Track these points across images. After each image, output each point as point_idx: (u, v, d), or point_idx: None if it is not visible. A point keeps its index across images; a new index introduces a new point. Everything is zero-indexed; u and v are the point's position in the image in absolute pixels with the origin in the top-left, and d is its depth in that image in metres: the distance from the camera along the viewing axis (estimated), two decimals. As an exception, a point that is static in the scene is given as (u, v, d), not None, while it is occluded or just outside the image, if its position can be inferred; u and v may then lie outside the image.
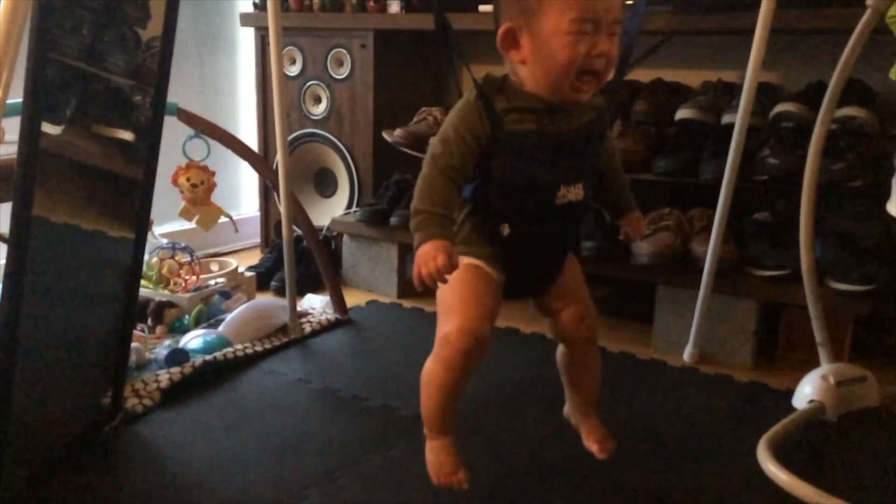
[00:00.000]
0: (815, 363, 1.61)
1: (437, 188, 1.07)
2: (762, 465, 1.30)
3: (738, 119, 1.64)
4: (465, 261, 1.11)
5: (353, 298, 2.20)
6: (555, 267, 1.20)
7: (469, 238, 1.13)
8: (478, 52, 2.67)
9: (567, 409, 1.36)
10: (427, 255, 1.02)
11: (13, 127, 1.05)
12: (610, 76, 1.09)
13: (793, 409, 1.52)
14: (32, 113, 1.07)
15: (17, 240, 1.06)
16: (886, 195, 1.23)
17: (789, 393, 1.59)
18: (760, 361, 1.82)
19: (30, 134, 1.07)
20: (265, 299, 2.13)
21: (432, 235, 1.03)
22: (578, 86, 1.04)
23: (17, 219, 1.06)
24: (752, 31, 1.61)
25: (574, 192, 1.12)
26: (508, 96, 1.08)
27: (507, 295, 1.17)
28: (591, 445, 1.27)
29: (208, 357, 1.68)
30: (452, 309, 1.11)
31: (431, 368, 1.14)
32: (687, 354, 1.82)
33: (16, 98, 1.13)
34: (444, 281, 1.03)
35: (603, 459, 1.25)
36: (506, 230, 1.11)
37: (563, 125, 1.09)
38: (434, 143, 1.10)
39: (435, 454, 1.17)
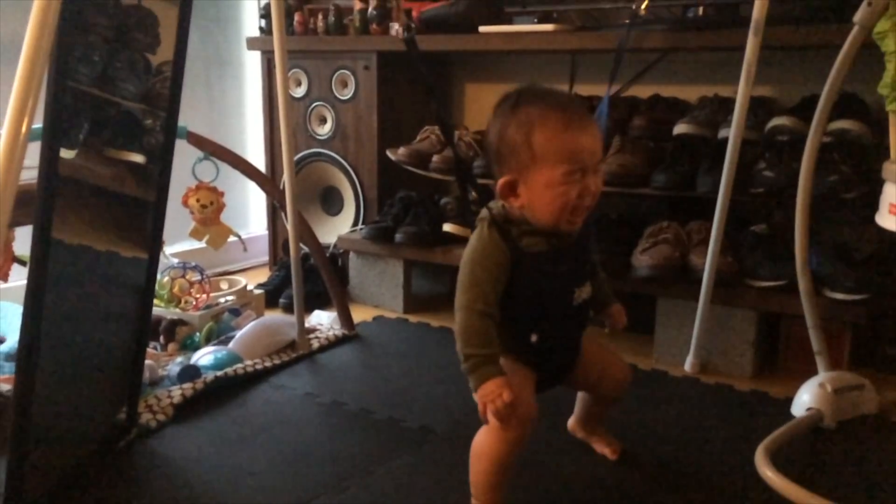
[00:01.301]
0: (815, 372, 1.63)
1: (481, 330, 1.14)
2: (760, 471, 1.33)
3: (732, 134, 1.68)
4: (503, 359, 1.17)
5: (359, 314, 2.24)
6: (576, 355, 1.30)
7: (502, 348, 1.19)
8: (478, 71, 2.74)
9: (573, 424, 1.47)
10: (492, 393, 1.09)
11: (31, 151, 1.09)
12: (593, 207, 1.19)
13: (792, 417, 1.55)
14: (52, 139, 1.11)
15: (38, 261, 1.10)
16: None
17: (789, 401, 1.61)
18: (761, 370, 1.85)
19: (49, 159, 1.11)
20: (274, 316, 2.16)
21: (491, 374, 1.11)
22: (572, 220, 1.16)
23: (39, 241, 1.10)
24: (745, 48, 1.65)
25: (585, 291, 1.24)
26: (517, 225, 1.18)
27: (539, 390, 1.24)
28: (604, 450, 1.43)
29: (219, 373, 1.72)
30: None
31: (485, 443, 1.19)
32: (688, 365, 1.85)
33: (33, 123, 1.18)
34: (510, 416, 1.10)
35: (615, 459, 1.41)
36: (534, 337, 1.20)
37: (564, 240, 1.20)
38: (464, 286, 1.16)
39: None
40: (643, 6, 1.75)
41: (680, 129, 1.99)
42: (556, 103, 1.16)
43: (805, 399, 1.56)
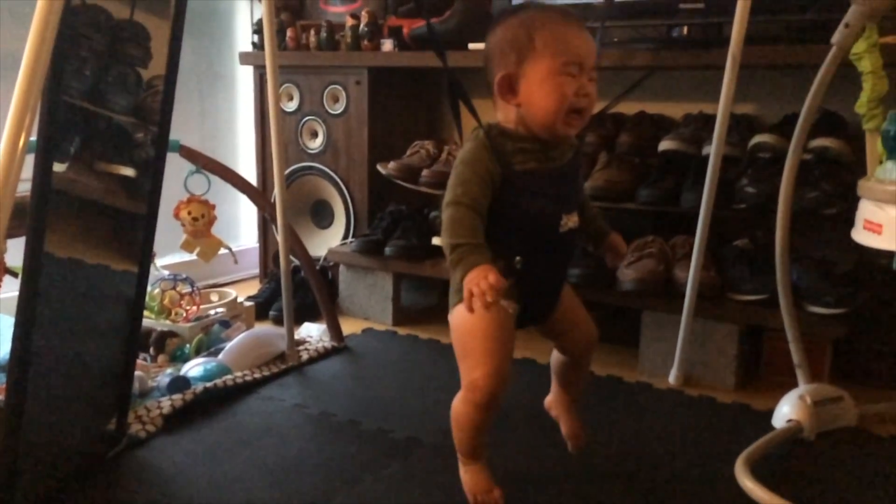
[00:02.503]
0: (796, 384, 1.66)
1: (467, 221, 1.13)
2: (740, 481, 1.35)
3: (713, 150, 1.71)
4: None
5: (349, 326, 2.26)
6: (559, 291, 1.31)
7: None
8: (467, 87, 2.75)
9: (549, 401, 1.48)
10: (477, 276, 1.07)
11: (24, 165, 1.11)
12: (590, 114, 1.20)
13: (773, 429, 1.57)
14: (46, 152, 1.13)
15: (30, 274, 1.12)
16: (857, 223, 1.30)
17: (770, 413, 1.63)
18: (743, 383, 1.88)
19: (43, 172, 1.13)
20: (264, 328, 2.18)
21: (477, 262, 1.09)
22: (569, 121, 1.17)
23: (31, 253, 1.12)
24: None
25: (573, 220, 1.24)
26: (511, 140, 1.19)
27: (519, 325, 1.26)
28: (568, 437, 1.43)
29: (209, 384, 1.73)
30: (475, 352, 1.19)
31: (461, 410, 1.22)
32: (672, 377, 1.88)
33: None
34: (497, 300, 1.07)
35: (574, 452, 1.43)
36: (519, 263, 1.20)
37: (556, 161, 1.21)
38: (452, 185, 1.17)
39: (470, 475, 1.27)
40: None
41: (665, 145, 2.03)
42: (558, 8, 1.21)
43: (785, 411, 1.59)
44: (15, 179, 1.07)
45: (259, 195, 2.22)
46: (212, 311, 2.12)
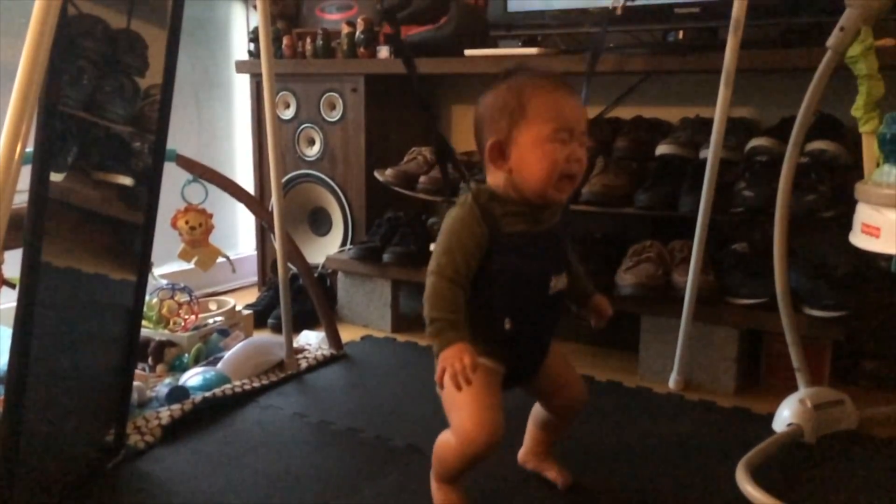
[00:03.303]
0: (796, 388, 1.66)
1: (448, 296, 1.15)
2: (741, 486, 1.35)
3: (710, 154, 1.71)
4: None
5: (348, 334, 2.26)
6: (545, 352, 1.30)
7: (473, 339, 1.17)
8: (464, 93, 2.77)
9: (523, 455, 1.45)
10: (452, 356, 1.09)
11: (20, 175, 1.10)
12: (579, 180, 1.21)
13: (773, 433, 1.57)
14: (42, 163, 1.13)
15: (28, 284, 1.12)
16: (856, 225, 1.30)
17: (771, 417, 1.63)
18: (743, 387, 1.88)
19: (39, 182, 1.13)
20: (262, 336, 2.18)
21: (453, 340, 1.11)
22: (560, 187, 1.17)
23: (28, 264, 1.12)
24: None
25: (561, 281, 1.24)
26: (500, 203, 1.19)
27: (505, 385, 1.25)
28: (556, 478, 1.40)
29: (207, 394, 1.72)
30: (467, 405, 1.17)
31: (450, 455, 1.21)
32: (672, 382, 1.87)
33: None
34: (469, 381, 1.09)
35: (566, 486, 1.39)
36: (508, 324, 1.20)
37: (545, 223, 1.22)
38: (437, 252, 1.18)
39: (444, 494, 1.27)
40: (619, 6, 1.79)
41: (662, 149, 2.03)
42: (548, 75, 1.22)
43: (786, 415, 1.58)
44: (11, 190, 1.06)
45: (256, 203, 2.22)
46: (210, 320, 2.12)
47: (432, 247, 2.22)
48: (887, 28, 1.67)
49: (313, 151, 2.58)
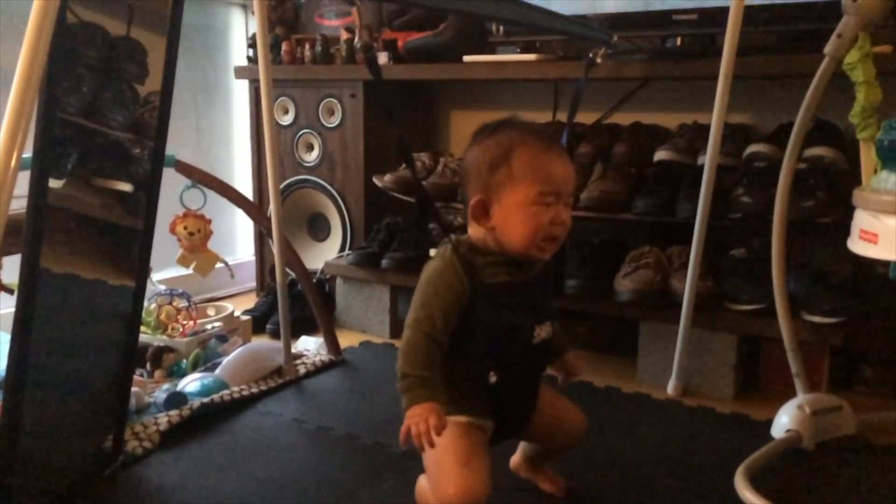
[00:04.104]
0: (794, 394, 1.66)
1: (423, 352, 1.12)
2: (739, 492, 1.35)
3: (707, 161, 1.72)
4: (453, 420, 1.15)
5: (346, 339, 2.25)
6: (534, 404, 1.27)
7: (455, 396, 1.17)
8: (463, 99, 2.77)
9: (516, 462, 1.43)
10: (418, 415, 1.07)
11: (19, 181, 1.11)
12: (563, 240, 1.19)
13: (772, 439, 1.57)
14: (41, 169, 1.13)
15: (26, 290, 1.12)
16: (853, 232, 1.30)
17: (769, 423, 1.63)
18: (742, 393, 1.88)
19: (38, 189, 1.13)
20: (261, 342, 2.17)
21: (421, 398, 1.09)
22: (543, 247, 1.16)
23: (27, 270, 1.12)
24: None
25: (545, 331, 1.22)
26: (481, 255, 1.17)
27: (495, 440, 1.23)
28: (551, 488, 1.40)
29: (206, 400, 1.72)
30: (448, 469, 1.13)
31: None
32: (671, 388, 1.88)
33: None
34: (432, 444, 1.06)
35: (561, 496, 1.38)
36: (493, 378, 1.17)
37: (527, 274, 1.19)
38: (415, 306, 1.15)
39: None
40: (599, 55, 1.81)
41: (660, 155, 2.03)
42: (537, 130, 1.19)
43: (784, 421, 1.58)
44: (9, 196, 1.06)
45: (255, 209, 2.22)
46: (208, 326, 2.12)
47: (433, 252, 2.24)
48: (885, 35, 1.68)
49: (312, 157, 2.58)
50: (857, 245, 1.29)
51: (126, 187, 1.41)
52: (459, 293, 1.14)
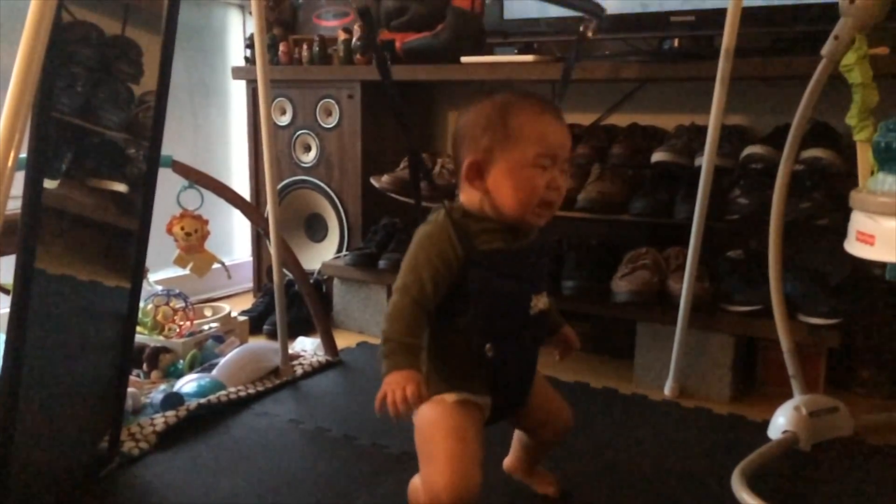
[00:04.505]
0: (792, 395, 1.66)
1: (408, 317, 1.08)
2: (736, 493, 1.35)
3: (705, 162, 1.72)
4: (449, 399, 1.12)
5: (343, 340, 2.25)
6: (531, 380, 1.23)
7: (450, 372, 1.14)
8: (460, 100, 2.77)
9: (510, 464, 1.42)
10: (395, 383, 1.03)
11: (14, 181, 1.10)
12: (559, 207, 1.16)
13: (769, 440, 1.57)
14: (36, 169, 1.13)
15: (21, 291, 1.11)
16: (849, 233, 1.30)
17: (766, 424, 1.63)
18: (739, 394, 1.88)
19: (33, 189, 1.13)
20: (258, 343, 2.17)
21: (400, 365, 1.05)
22: (538, 213, 1.12)
23: (22, 270, 1.11)
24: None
25: (542, 301, 1.18)
26: (475, 220, 1.13)
27: (491, 419, 1.19)
28: (546, 489, 1.38)
29: (202, 400, 1.72)
30: (438, 457, 1.10)
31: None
32: (667, 389, 1.88)
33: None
34: (407, 416, 1.03)
35: (556, 497, 1.38)
36: (489, 350, 1.12)
37: (522, 241, 1.15)
38: (404, 270, 1.12)
39: None
40: (590, 29, 1.78)
41: (657, 156, 2.03)
42: (535, 96, 1.15)
43: (781, 422, 1.58)
44: (5, 196, 1.06)
45: (252, 209, 2.22)
46: (205, 327, 2.12)
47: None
48: (882, 36, 1.68)
49: (309, 158, 2.58)
50: (854, 247, 1.29)
51: (121, 188, 1.41)
52: (451, 260, 1.09)
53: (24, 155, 1.13)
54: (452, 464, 1.08)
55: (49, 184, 1.19)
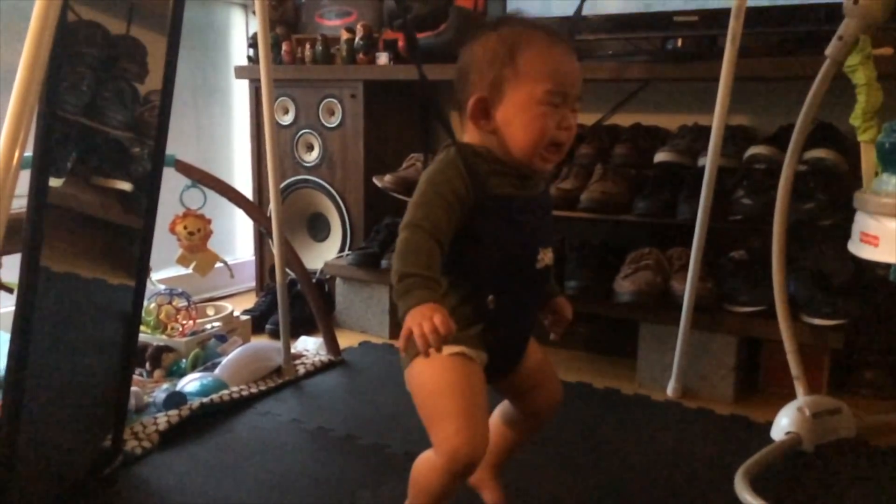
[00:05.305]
0: (794, 396, 1.66)
1: (424, 250, 0.99)
2: (739, 495, 1.34)
3: (708, 162, 1.72)
4: (447, 350, 1.02)
5: (345, 340, 2.25)
6: (528, 339, 1.17)
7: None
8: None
9: None
10: (422, 314, 0.93)
11: (19, 180, 1.10)
12: (567, 149, 1.10)
13: (772, 441, 1.57)
14: (41, 168, 1.13)
15: (26, 289, 1.11)
16: (853, 234, 1.30)
17: (769, 425, 1.63)
18: (741, 395, 1.87)
19: (38, 188, 1.13)
20: (260, 342, 2.17)
21: (424, 298, 0.95)
22: (546, 156, 1.05)
23: (26, 269, 1.11)
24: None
25: (549, 257, 1.11)
26: (486, 161, 1.05)
27: (487, 377, 1.10)
28: (490, 500, 1.28)
29: (205, 399, 1.72)
30: (450, 414, 1.02)
31: (432, 478, 1.05)
32: (670, 389, 1.87)
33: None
34: (439, 346, 0.93)
35: None
36: (491, 300, 1.06)
37: (531, 190, 1.09)
38: (413, 205, 1.03)
39: None
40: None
41: (660, 157, 2.03)
42: (544, 26, 1.07)
43: (784, 423, 1.58)
44: (10, 195, 1.06)
45: (255, 209, 2.22)
46: (208, 326, 2.12)
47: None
48: (886, 37, 1.68)
49: (312, 157, 2.58)
50: (857, 247, 1.29)
51: (126, 186, 1.41)
52: (462, 195, 1.02)
53: (29, 153, 1.13)
54: (465, 419, 1.01)
55: (54, 182, 1.19)
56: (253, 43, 2.65)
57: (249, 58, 2.69)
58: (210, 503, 1.37)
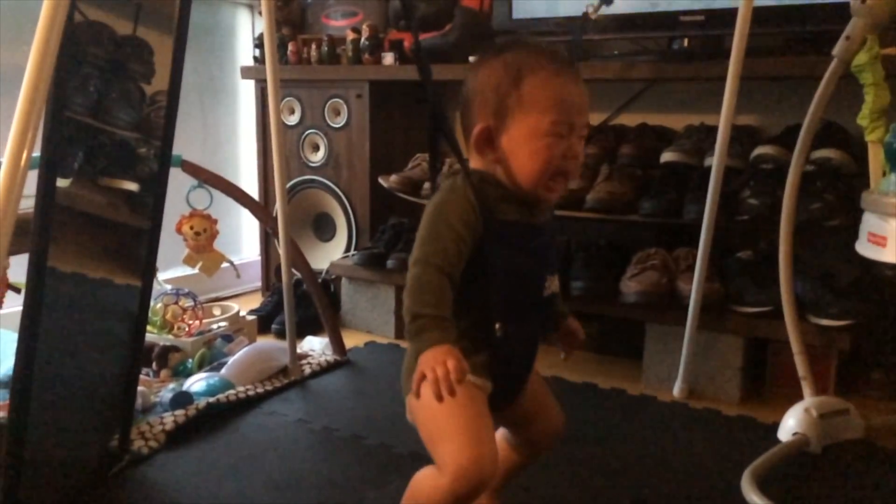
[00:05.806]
0: (801, 397, 1.65)
1: (435, 288, 0.98)
2: (746, 495, 1.34)
3: (715, 162, 1.71)
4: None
5: (351, 340, 2.25)
6: (531, 368, 1.14)
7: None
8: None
9: None
10: (434, 358, 0.92)
11: (27, 180, 1.11)
12: (576, 178, 1.08)
13: (779, 442, 1.56)
14: (49, 169, 1.14)
15: (33, 289, 1.12)
16: (861, 234, 1.30)
17: (776, 426, 1.63)
18: (748, 396, 1.87)
19: (46, 188, 1.14)
20: (266, 342, 2.17)
21: (437, 340, 0.94)
22: (552, 186, 1.04)
23: (34, 269, 1.12)
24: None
25: (555, 284, 1.10)
26: (493, 187, 1.04)
27: (489, 407, 1.07)
28: None
29: (211, 399, 1.72)
30: (457, 433, 0.99)
31: (435, 498, 0.99)
32: (676, 390, 1.87)
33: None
34: (452, 391, 0.92)
35: None
36: (499, 328, 1.04)
37: (538, 217, 1.08)
38: (423, 239, 1.01)
39: None
40: (592, 12, 1.73)
41: (666, 157, 2.03)
42: (549, 51, 1.05)
43: (791, 424, 1.58)
44: (17, 196, 1.07)
45: (261, 209, 2.22)
46: (214, 326, 2.12)
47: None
48: (893, 37, 1.67)
49: (318, 157, 2.58)
50: (865, 248, 1.28)
51: (132, 186, 1.42)
52: (473, 225, 1.00)
53: (37, 154, 1.13)
54: (472, 437, 0.98)
55: (61, 182, 1.20)
56: (259, 43, 2.66)
57: (255, 58, 2.69)
58: (217, 503, 1.37)
